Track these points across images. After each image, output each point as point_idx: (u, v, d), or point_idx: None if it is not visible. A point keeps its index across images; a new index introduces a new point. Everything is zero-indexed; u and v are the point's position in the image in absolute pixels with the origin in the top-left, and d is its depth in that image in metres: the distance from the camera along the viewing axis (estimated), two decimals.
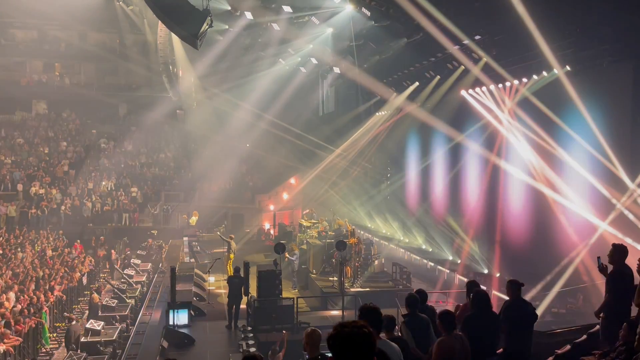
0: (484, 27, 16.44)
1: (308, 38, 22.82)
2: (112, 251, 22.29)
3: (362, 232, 25.37)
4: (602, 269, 6.75)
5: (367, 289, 17.65)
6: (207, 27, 10.78)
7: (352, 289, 17.39)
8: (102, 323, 14.19)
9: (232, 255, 19.37)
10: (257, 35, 24.70)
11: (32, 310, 14.78)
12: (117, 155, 32.65)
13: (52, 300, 16.31)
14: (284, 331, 12.33)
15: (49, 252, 21.84)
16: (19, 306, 14.87)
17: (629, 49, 13.23)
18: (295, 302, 14.59)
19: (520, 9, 13.62)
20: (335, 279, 17.78)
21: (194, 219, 26.96)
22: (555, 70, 15.01)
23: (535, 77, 16.18)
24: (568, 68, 14.73)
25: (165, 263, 20.98)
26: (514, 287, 6.55)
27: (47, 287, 17.05)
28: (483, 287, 7.52)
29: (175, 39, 26.75)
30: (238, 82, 30.74)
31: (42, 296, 15.91)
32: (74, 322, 14.35)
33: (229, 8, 20.60)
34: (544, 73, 15.71)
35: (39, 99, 36.38)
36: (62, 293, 17.31)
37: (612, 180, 13.84)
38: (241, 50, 26.98)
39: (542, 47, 14.37)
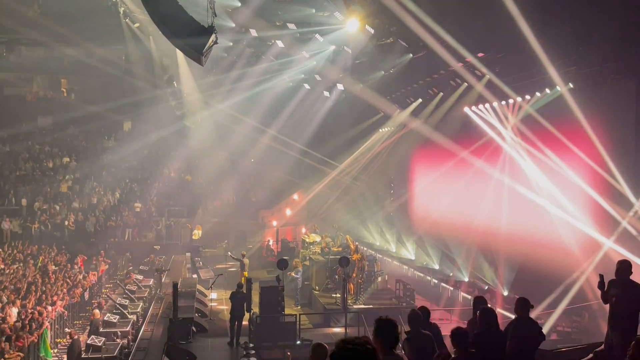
0: (487, 45, 16.54)
1: (312, 55, 22.97)
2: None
3: (365, 249, 25.27)
4: (601, 285, 6.78)
5: (370, 306, 17.54)
6: (212, 43, 10.83)
7: (355, 306, 17.27)
8: (104, 339, 14.08)
9: (245, 273, 19.37)
10: (261, 51, 24.89)
11: (33, 326, 14.70)
12: (121, 171, 32.74)
13: (53, 315, 16.23)
14: (288, 352, 12.21)
15: (51, 267, 21.79)
16: (21, 322, 14.80)
17: (632, 66, 13.28)
18: (297, 319, 14.48)
19: (523, 27, 13.70)
20: (338, 295, 17.67)
21: (196, 233, 26.95)
22: (558, 88, 15.05)
23: (538, 94, 16.22)
24: (571, 85, 14.76)
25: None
26: (522, 306, 6.44)
27: (48, 302, 16.98)
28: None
29: (180, 55, 26.97)
30: (242, 98, 30.88)
31: (43, 311, 15.83)
32: (75, 338, 14.26)
33: (234, 25, 20.79)
34: (547, 90, 15.75)
35: (45, 114, 36.61)
36: (63, 308, 17.24)
37: (617, 197, 13.78)
38: (245, 66, 27.16)
39: (545, 65, 14.43)
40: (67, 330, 16.38)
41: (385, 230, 29.03)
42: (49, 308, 16.38)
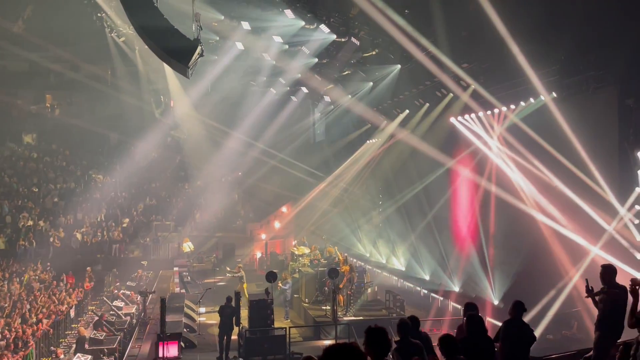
0: (471, 56, 16.73)
1: (299, 67, 23.06)
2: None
3: (354, 260, 25.22)
4: (588, 290, 6.85)
5: (361, 317, 17.46)
6: (198, 56, 10.86)
7: (345, 318, 17.19)
8: (90, 357, 13.86)
9: (245, 285, 19.30)
10: (248, 64, 24.95)
11: (19, 345, 14.43)
12: (107, 186, 32.44)
13: (38, 334, 15.93)
14: None
15: (37, 285, 21.44)
16: (5, 340, 14.52)
17: (614, 75, 13.47)
18: (287, 332, 14.38)
19: (507, 38, 13.90)
20: (328, 307, 17.58)
21: (185, 246, 26.69)
22: (542, 97, 15.23)
23: (522, 103, 16.38)
24: (554, 94, 14.95)
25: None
26: (515, 307, 6.68)
27: (34, 320, 16.68)
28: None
29: (167, 69, 26.94)
30: (229, 111, 30.90)
31: (28, 330, 15.54)
32: (61, 357, 14.01)
33: (219, 38, 20.85)
34: (531, 100, 15.93)
35: (30, 130, 36.33)
36: (49, 326, 16.93)
37: (602, 205, 13.90)
38: (232, 79, 27.21)
39: (528, 74, 14.63)
40: (52, 348, 16.07)
41: (374, 241, 29.02)
42: (34, 326, 16.09)
